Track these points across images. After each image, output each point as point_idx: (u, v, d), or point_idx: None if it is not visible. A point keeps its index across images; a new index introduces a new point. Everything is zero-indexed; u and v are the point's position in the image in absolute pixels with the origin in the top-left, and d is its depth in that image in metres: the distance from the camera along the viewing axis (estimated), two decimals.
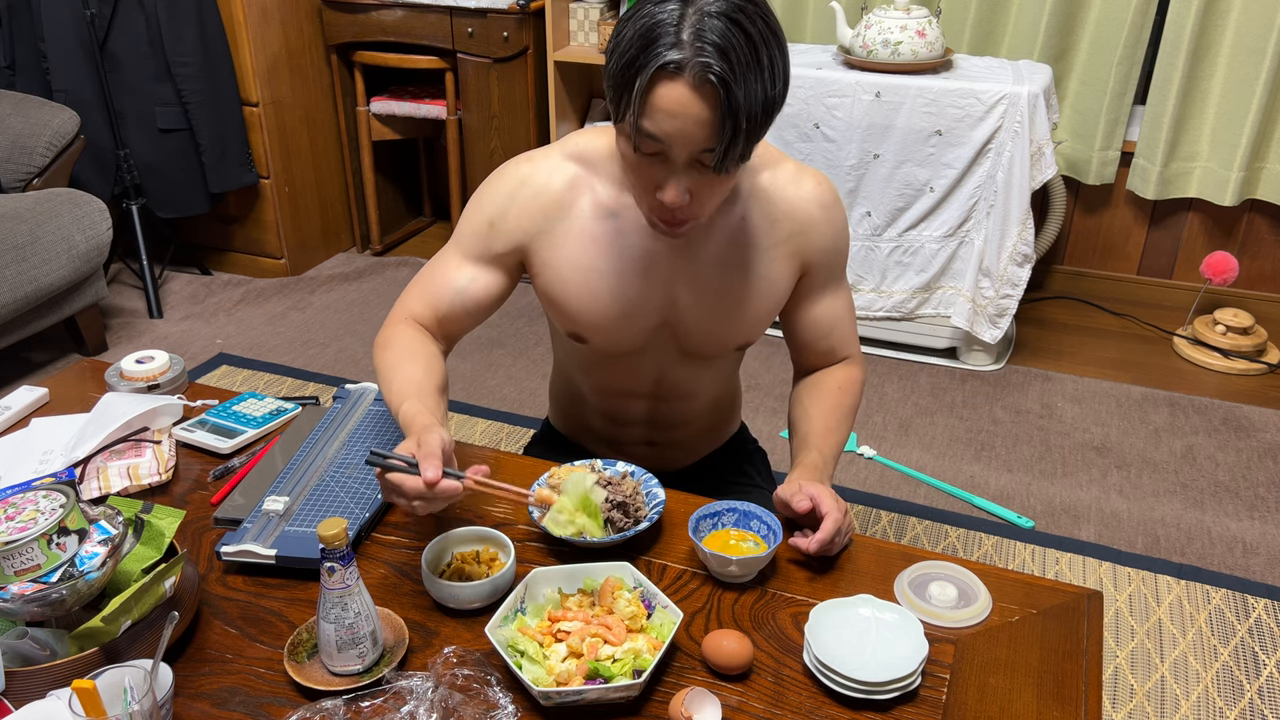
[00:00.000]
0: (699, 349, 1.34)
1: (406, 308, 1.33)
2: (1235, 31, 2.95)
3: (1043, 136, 2.69)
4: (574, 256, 1.26)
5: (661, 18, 1.01)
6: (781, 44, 1.06)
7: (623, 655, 1.00)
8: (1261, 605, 2.09)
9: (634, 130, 1.06)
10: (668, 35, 1.01)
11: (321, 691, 1.00)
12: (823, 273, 1.33)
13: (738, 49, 1.01)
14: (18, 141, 2.90)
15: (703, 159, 1.07)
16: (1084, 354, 3.12)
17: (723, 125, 1.03)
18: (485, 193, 1.30)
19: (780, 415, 2.75)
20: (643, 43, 1.02)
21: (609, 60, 1.06)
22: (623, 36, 1.04)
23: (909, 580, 1.16)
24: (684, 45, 1.01)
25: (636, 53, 1.02)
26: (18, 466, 1.34)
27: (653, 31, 1.01)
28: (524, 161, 1.28)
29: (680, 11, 1.01)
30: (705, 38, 1.00)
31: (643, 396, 1.41)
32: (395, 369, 1.24)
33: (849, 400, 1.38)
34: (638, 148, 1.07)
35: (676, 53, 1.01)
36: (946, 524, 2.34)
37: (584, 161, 1.26)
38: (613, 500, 1.20)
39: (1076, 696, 1.01)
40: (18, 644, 0.99)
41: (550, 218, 1.26)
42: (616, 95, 1.06)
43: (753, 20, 1.02)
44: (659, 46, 1.01)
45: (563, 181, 1.26)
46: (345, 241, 3.87)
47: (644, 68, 1.02)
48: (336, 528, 0.96)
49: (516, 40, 3.27)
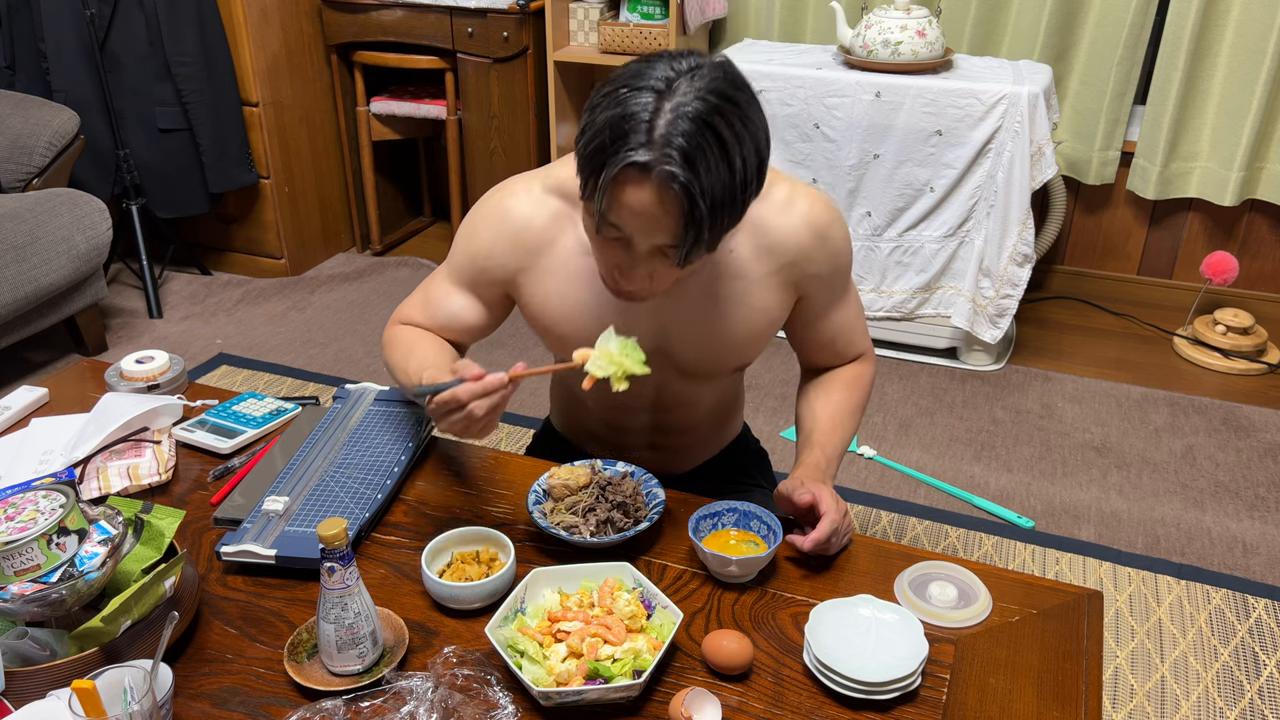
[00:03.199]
0: (695, 370, 1.34)
1: (407, 316, 1.36)
2: (1235, 31, 2.95)
3: (1043, 136, 2.69)
4: (558, 291, 1.26)
5: (635, 109, 0.97)
6: (759, 143, 1.02)
7: (623, 655, 1.00)
8: (1262, 605, 2.09)
9: (598, 217, 1.03)
10: (639, 131, 0.97)
11: (321, 691, 1.00)
12: (822, 295, 1.31)
13: (708, 155, 0.96)
14: (18, 141, 2.90)
15: (664, 250, 1.05)
16: (1084, 354, 3.12)
17: (685, 230, 1.00)
18: (472, 224, 1.29)
19: (781, 415, 2.75)
20: (613, 133, 0.98)
21: (581, 135, 1.02)
22: (595, 118, 1.00)
23: (909, 580, 1.16)
24: (653, 145, 0.97)
25: (606, 141, 0.98)
26: (18, 466, 1.34)
27: (624, 123, 0.97)
28: (507, 195, 1.27)
29: (655, 106, 0.97)
30: (674, 141, 0.96)
31: (643, 409, 1.41)
32: (407, 358, 1.27)
33: (857, 397, 1.38)
34: (599, 231, 1.06)
35: (645, 153, 0.97)
36: (946, 524, 2.34)
37: (566, 196, 1.24)
38: (613, 500, 1.20)
39: (1076, 696, 1.01)
40: (18, 644, 0.99)
41: (533, 254, 1.25)
42: (584, 177, 1.03)
43: (729, 122, 0.98)
44: (629, 142, 0.97)
45: (545, 218, 1.24)
46: (345, 241, 3.87)
47: (611, 160, 0.98)
48: (336, 528, 0.96)
49: (516, 40, 3.27)
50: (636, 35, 3.14)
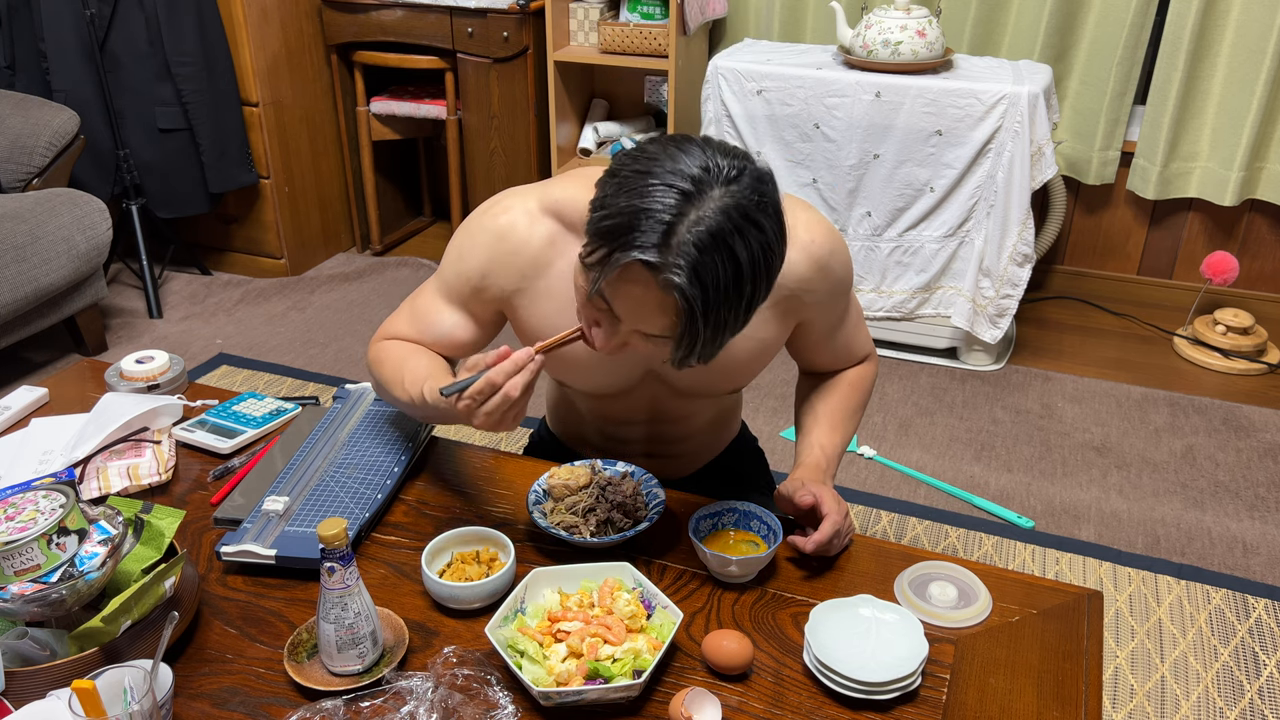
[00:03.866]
0: (690, 391, 1.33)
1: (394, 331, 1.32)
2: (1235, 31, 2.95)
3: (1043, 136, 2.69)
4: (551, 315, 1.23)
5: (657, 207, 0.94)
6: (773, 266, 0.99)
7: (623, 655, 1.00)
8: (1262, 605, 2.09)
9: (594, 288, 1.00)
10: (655, 231, 0.94)
11: (321, 691, 1.00)
12: (821, 320, 1.30)
13: (719, 276, 0.94)
14: (18, 141, 2.90)
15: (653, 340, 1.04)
16: (1084, 354, 3.12)
17: (680, 337, 0.99)
18: (466, 241, 1.25)
19: (780, 415, 2.75)
20: (629, 221, 0.95)
21: (598, 205, 0.99)
22: (617, 200, 0.97)
23: (909, 580, 1.16)
24: (667, 249, 0.94)
25: (620, 225, 0.95)
26: (18, 466, 1.34)
27: (643, 219, 0.94)
28: (501, 213, 1.23)
29: (678, 210, 0.94)
30: (688, 253, 0.93)
31: (639, 423, 1.41)
32: (400, 371, 1.24)
33: (858, 397, 1.38)
34: (591, 300, 1.03)
35: (656, 254, 0.94)
36: (946, 524, 2.34)
37: (561, 218, 1.21)
38: (613, 500, 1.20)
39: (1076, 696, 1.01)
40: (18, 644, 0.99)
41: (527, 276, 1.23)
42: (591, 242, 0.99)
43: (749, 244, 0.95)
44: (642, 235, 0.94)
45: (540, 240, 1.21)
46: (345, 241, 3.87)
47: (621, 249, 0.95)
48: (336, 528, 0.96)
49: (516, 40, 3.27)
50: (636, 35, 3.14)
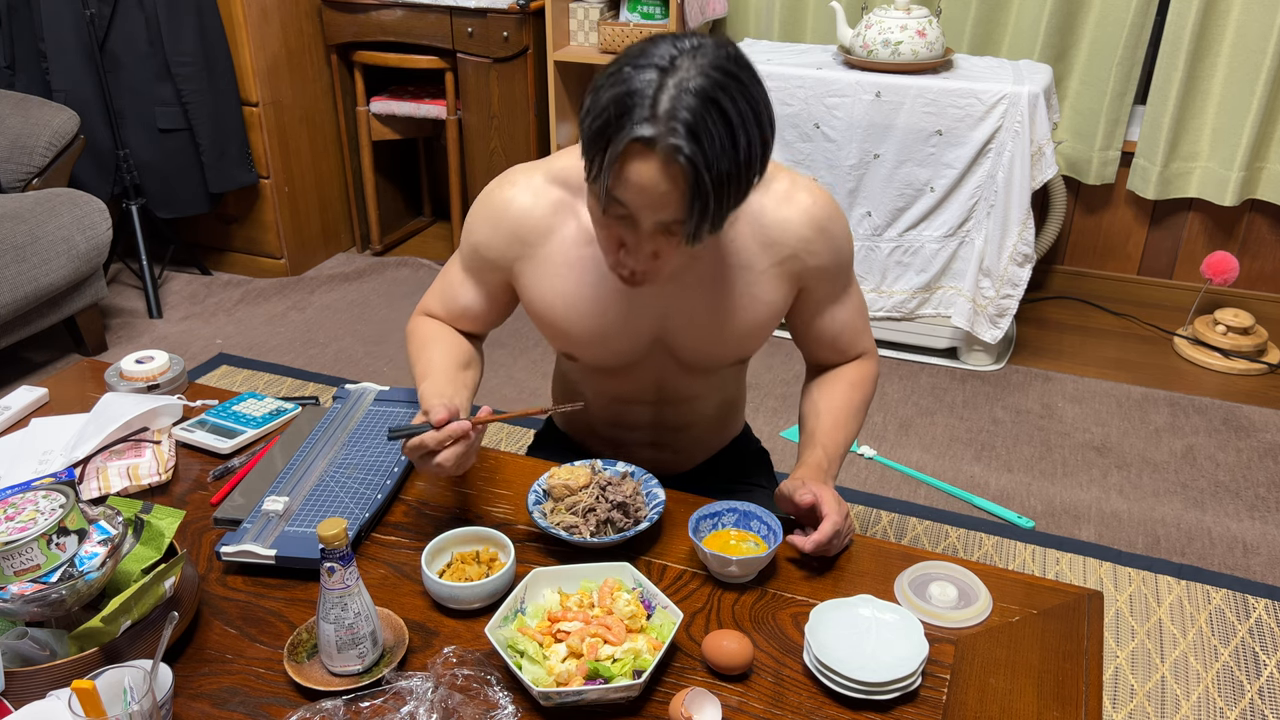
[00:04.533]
0: (695, 363, 1.34)
1: (427, 305, 1.40)
2: (1235, 31, 2.95)
3: (1043, 136, 2.69)
4: (558, 281, 1.26)
5: (638, 86, 0.98)
6: (763, 122, 1.02)
7: (623, 655, 1.00)
8: (1262, 605, 2.09)
9: (603, 194, 1.04)
10: (642, 107, 0.98)
11: (321, 692, 1.00)
12: (824, 288, 1.31)
13: (712, 132, 0.97)
14: (18, 141, 2.90)
15: (669, 227, 1.06)
16: (1084, 354, 3.12)
17: (691, 205, 1.01)
18: (475, 214, 1.31)
19: (781, 415, 2.75)
20: (617, 110, 0.99)
21: (585, 115, 1.03)
22: (600, 98, 1.01)
23: (909, 580, 1.16)
24: (658, 120, 0.98)
25: (610, 119, 1.00)
26: (18, 466, 1.34)
27: (628, 100, 0.98)
28: (508, 185, 1.28)
29: (658, 82, 0.98)
30: (679, 116, 0.97)
31: (645, 403, 1.41)
32: (417, 355, 1.32)
33: (860, 396, 1.38)
34: (606, 210, 1.07)
35: (649, 127, 0.98)
36: (947, 524, 2.34)
37: (567, 185, 1.25)
38: (613, 500, 1.20)
39: (1077, 697, 1.01)
40: (18, 644, 0.99)
41: (533, 244, 1.26)
42: (589, 153, 1.04)
43: (734, 99, 0.98)
44: (633, 118, 0.98)
45: (546, 207, 1.25)
46: (345, 241, 3.87)
47: (616, 137, 0.99)
48: (336, 528, 0.96)
49: (516, 40, 3.27)
50: (636, 35, 3.14)
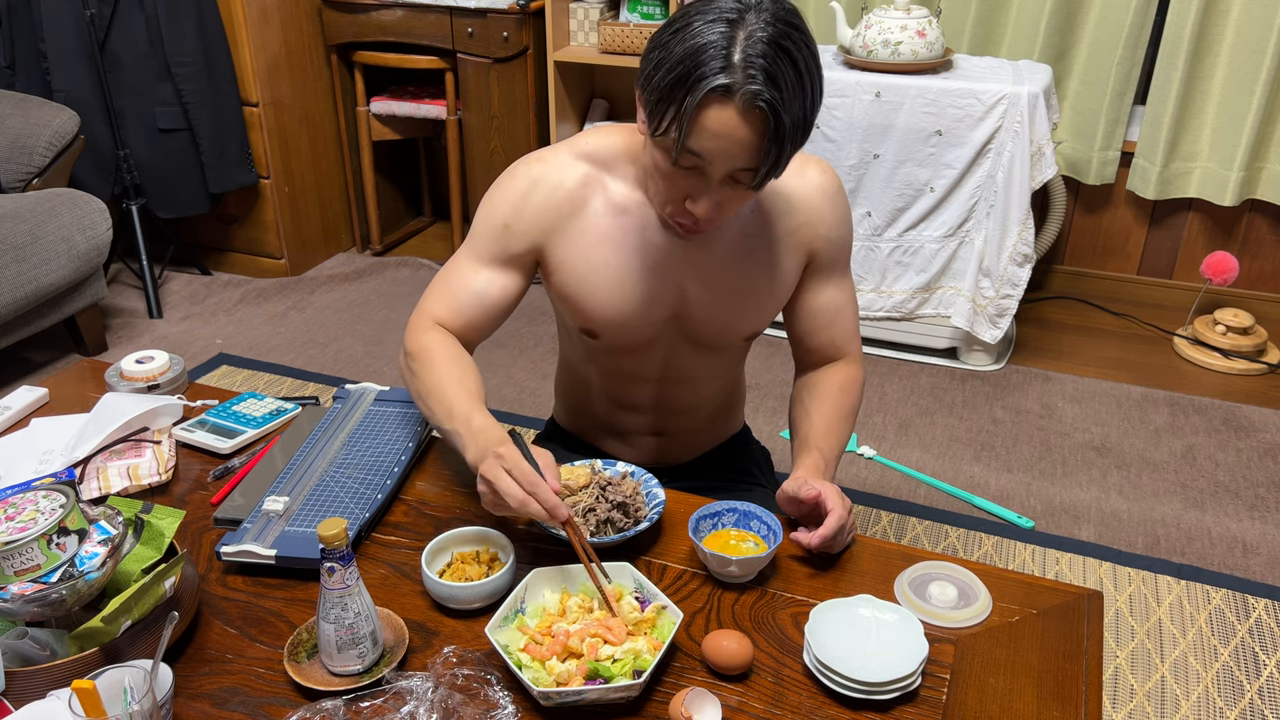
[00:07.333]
0: (707, 339, 1.36)
1: (430, 313, 1.32)
2: (1235, 31, 2.95)
3: (1043, 136, 2.69)
4: (587, 254, 1.27)
5: (711, 38, 1.03)
6: (820, 69, 1.08)
7: (623, 655, 1.00)
8: (1262, 605, 2.09)
9: (678, 146, 1.07)
10: (717, 58, 1.02)
11: (321, 692, 1.00)
12: (827, 261, 1.34)
13: (785, 76, 1.03)
14: (18, 141, 2.90)
15: (738, 176, 1.10)
16: (1084, 354, 3.12)
17: (768, 150, 1.06)
18: (497, 194, 1.30)
19: (781, 415, 2.75)
20: (693, 62, 1.03)
21: (654, 72, 1.07)
22: (670, 51, 1.05)
23: (909, 580, 1.16)
24: (734, 69, 1.02)
25: (686, 71, 1.03)
26: (18, 466, 1.34)
27: (703, 52, 1.03)
28: (535, 162, 1.29)
29: (730, 34, 1.03)
30: (755, 63, 1.02)
31: (650, 381, 1.42)
32: (445, 378, 1.23)
33: (850, 401, 1.38)
34: (677, 161, 1.09)
35: (726, 76, 1.02)
36: (946, 524, 2.34)
37: (595, 160, 1.27)
38: (613, 500, 1.20)
39: (1076, 697, 1.01)
40: (18, 644, 0.99)
41: (564, 216, 1.27)
42: (659, 108, 1.07)
43: (798, 47, 1.04)
44: (709, 68, 1.02)
45: (575, 180, 1.27)
46: (345, 241, 3.87)
47: (694, 88, 1.03)
48: (336, 528, 0.96)
49: (516, 40, 3.27)
50: (636, 35, 3.14)
